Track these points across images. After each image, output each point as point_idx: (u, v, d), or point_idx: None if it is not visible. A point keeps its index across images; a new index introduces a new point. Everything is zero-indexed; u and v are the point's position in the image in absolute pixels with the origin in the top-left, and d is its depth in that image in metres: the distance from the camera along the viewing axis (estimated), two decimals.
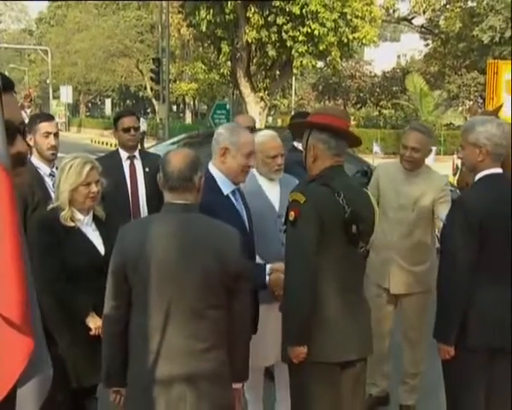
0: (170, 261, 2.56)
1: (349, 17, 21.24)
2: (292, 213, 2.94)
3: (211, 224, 2.73)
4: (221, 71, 24.73)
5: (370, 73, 43.59)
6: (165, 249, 2.57)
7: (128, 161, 4.71)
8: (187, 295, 2.56)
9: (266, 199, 3.89)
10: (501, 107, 6.48)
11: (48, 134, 4.06)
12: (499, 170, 3.23)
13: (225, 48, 22.62)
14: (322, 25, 20.62)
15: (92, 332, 3.26)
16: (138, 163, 4.69)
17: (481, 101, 27.79)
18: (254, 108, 22.73)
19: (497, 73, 18.40)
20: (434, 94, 30.41)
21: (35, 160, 4.05)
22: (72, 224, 3.35)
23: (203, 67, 29.12)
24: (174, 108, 55.37)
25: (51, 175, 4.02)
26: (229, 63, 23.86)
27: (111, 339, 2.69)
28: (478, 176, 3.23)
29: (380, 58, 48.78)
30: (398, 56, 45.95)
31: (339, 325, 2.99)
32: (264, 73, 24.46)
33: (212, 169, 3.39)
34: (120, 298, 2.64)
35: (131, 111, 5.02)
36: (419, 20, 37.58)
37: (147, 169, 4.64)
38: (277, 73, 24.03)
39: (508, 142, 3.19)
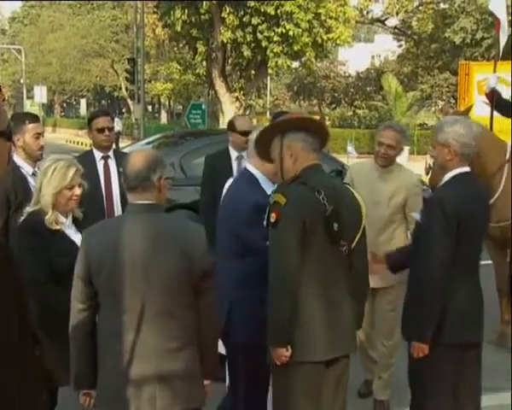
0: (138, 262, 2.56)
1: (323, 18, 21.38)
2: (273, 215, 2.92)
3: (176, 223, 2.75)
4: (196, 71, 24.69)
5: (345, 73, 43.84)
6: (133, 250, 2.57)
7: (102, 161, 4.70)
8: (157, 295, 2.57)
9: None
10: (471, 107, 6.60)
11: (38, 135, 4.07)
12: (467, 169, 3.30)
13: (200, 48, 22.59)
14: (297, 25, 20.73)
15: None
16: (112, 163, 4.69)
17: (454, 101, 28.09)
18: (230, 107, 22.74)
19: (469, 74, 18.60)
20: (408, 94, 30.69)
21: (18, 159, 4.04)
22: (57, 227, 3.32)
23: (178, 67, 29.03)
24: (149, 108, 55.12)
25: (34, 175, 4.01)
26: (204, 63, 23.83)
27: (79, 342, 2.68)
28: (448, 175, 3.30)
29: (354, 59, 49.04)
30: (372, 57, 46.31)
31: (321, 323, 2.99)
32: (239, 73, 24.49)
33: (252, 169, 3.44)
34: (87, 301, 2.65)
35: (106, 111, 5.02)
36: (392, 22, 37.91)
37: (121, 169, 4.63)
38: (252, 73, 24.05)
39: (474, 142, 3.27)
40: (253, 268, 3.24)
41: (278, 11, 20.49)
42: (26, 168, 4.05)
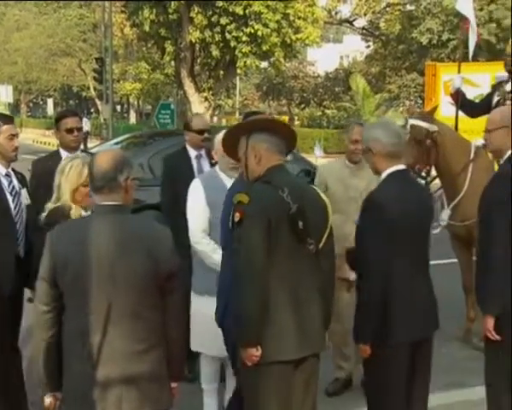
0: (104, 263, 2.55)
1: (292, 18, 21.48)
2: (237, 215, 2.93)
3: (142, 224, 2.74)
4: (165, 71, 24.67)
5: (314, 73, 44.08)
6: (99, 251, 2.55)
7: None
8: (124, 296, 2.55)
9: None
10: (436, 107, 6.69)
11: (12, 136, 4.02)
12: (400, 166, 3.33)
13: (169, 48, 22.53)
14: (266, 25, 20.78)
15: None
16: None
17: (421, 101, 28.43)
18: (199, 107, 22.69)
19: (435, 75, 18.86)
20: (376, 94, 30.95)
21: None
22: None
23: (147, 66, 28.96)
24: (118, 108, 54.68)
25: (7, 175, 3.99)
26: (173, 63, 23.76)
27: (44, 344, 2.65)
28: (382, 176, 3.34)
29: (323, 59, 49.29)
30: (341, 57, 46.61)
31: (290, 322, 2.99)
32: (208, 73, 24.48)
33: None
34: (51, 302, 2.62)
35: (74, 111, 4.98)
36: (360, 22, 38.25)
37: None
38: (221, 73, 24.06)
39: (399, 140, 3.31)
40: None
41: (247, 11, 20.53)
42: (0, 169, 4.02)
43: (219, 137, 4.00)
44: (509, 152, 3.63)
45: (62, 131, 4.63)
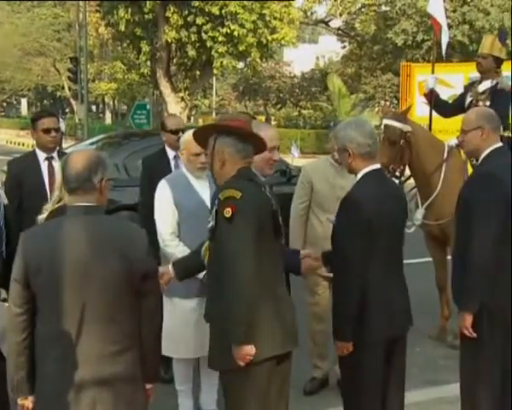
0: (78, 265, 2.53)
1: (268, 18, 21.50)
2: (228, 210, 2.88)
3: (115, 225, 2.72)
4: (141, 71, 24.45)
5: (290, 73, 44.09)
6: (72, 253, 2.53)
7: (46, 162, 4.64)
8: (97, 298, 2.53)
9: (197, 195, 3.99)
10: (410, 108, 6.76)
11: None
12: (375, 166, 3.37)
13: (145, 47, 22.42)
14: (242, 26, 20.79)
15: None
16: (57, 164, 4.63)
17: (396, 102, 28.64)
18: (175, 108, 22.62)
19: (410, 75, 19.02)
20: (351, 95, 31.11)
21: None
22: None
23: (122, 66, 28.77)
24: (93, 108, 54.25)
25: None
26: (148, 63, 23.64)
27: (16, 347, 2.61)
28: (358, 176, 3.38)
29: (299, 59, 49.35)
30: (317, 58, 46.72)
31: (274, 319, 3.01)
32: (184, 73, 24.40)
33: None
34: (24, 304, 2.58)
35: (51, 112, 4.94)
36: (336, 23, 38.39)
37: None
38: (198, 73, 24.00)
39: (373, 139, 3.34)
40: None
41: (223, 11, 20.51)
42: None
43: (185, 138, 4.04)
44: (486, 152, 3.67)
45: (39, 131, 4.60)
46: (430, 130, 7.00)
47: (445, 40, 7.44)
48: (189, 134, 4.07)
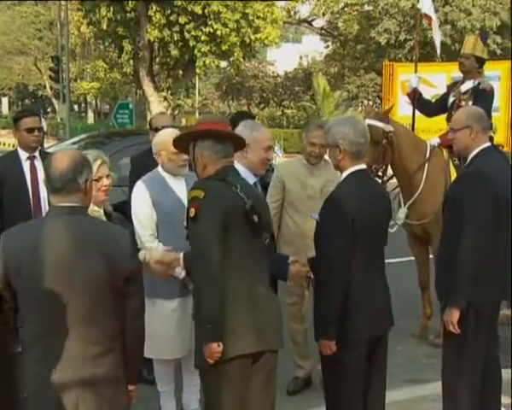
0: (60, 266, 2.51)
1: (251, 18, 21.48)
2: (192, 210, 2.96)
3: (98, 226, 2.72)
4: (123, 70, 24.35)
5: (273, 73, 44.12)
6: (54, 253, 2.52)
7: (28, 162, 4.63)
8: (79, 299, 2.52)
9: (174, 195, 3.99)
10: (392, 108, 6.80)
11: None
12: (361, 166, 3.40)
13: (127, 46, 22.32)
14: (225, 25, 20.75)
15: None
16: (39, 164, 4.61)
17: (379, 101, 28.78)
18: (157, 107, 22.53)
19: (393, 75, 19.11)
20: (335, 94, 31.22)
21: None
22: (95, 215, 3.36)
23: (104, 65, 28.60)
24: (75, 107, 53.94)
25: None
26: (131, 62, 23.55)
27: None
28: (343, 175, 3.40)
29: (282, 59, 49.36)
30: (300, 57, 46.75)
31: (248, 317, 3.02)
32: (167, 72, 24.33)
33: (235, 164, 3.48)
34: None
35: (34, 111, 4.94)
36: (319, 23, 38.48)
37: None
38: (180, 72, 23.94)
39: (365, 139, 3.37)
40: None
41: (205, 10, 20.47)
42: None
43: (161, 139, 4.06)
44: (475, 151, 3.71)
45: (22, 130, 4.59)
46: (413, 129, 7.04)
47: (438, 39, 7.49)
48: (163, 135, 4.09)
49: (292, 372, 4.94)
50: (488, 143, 3.78)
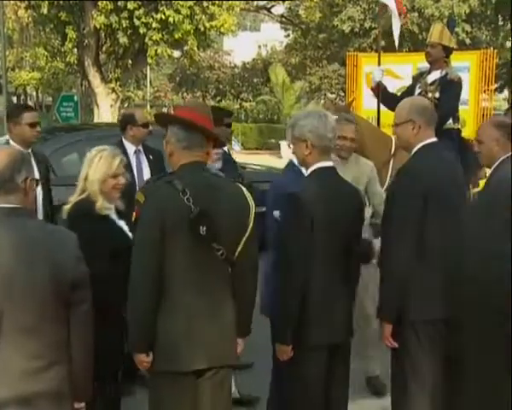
0: None
1: (205, 4, 21.42)
2: (133, 214, 3.06)
3: (43, 228, 2.70)
4: (67, 59, 24.00)
5: (230, 63, 44.13)
6: None
7: None
8: (20, 308, 2.48)
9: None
10: (353, 101, 6.88)
11: None
12: (328, 163, 3.43)
13: (71, 33, 21.99)
14: (177, 11, 20.63)
15: None
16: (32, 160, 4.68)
17: (343, 93, 29.03)
18: (105, 100, 22.31)
19: (357, 66, 19.27)
20: (296, 86, 31.35)
21: None
22: (106, 212, 3.58)
23: (46, 53, 28.14)
24: (14, 99, 53.06)
25: None
26: (75, 50, 23.25)
27: None
28: (308, 170, 3.42)
29: (239, 48, 49.40)
30: (259, 47, 46.84)
31: (185, 333, 3.01)
32: (115, 62, 24.06)
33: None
34: None
35: (30, 106, 5.08)
36: (279, 10, 38.58)
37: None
38: (130, 62, 23.70)
39: (334, 134, 3.40)
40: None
41: None
42: None
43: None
44: (417, 147, 3.68)
45: (24, 125, 4.72)
46: (378, 124, 7.13)
47: (396, 30, 7.56)
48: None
49: None
50: (433, 139, 3.72)
